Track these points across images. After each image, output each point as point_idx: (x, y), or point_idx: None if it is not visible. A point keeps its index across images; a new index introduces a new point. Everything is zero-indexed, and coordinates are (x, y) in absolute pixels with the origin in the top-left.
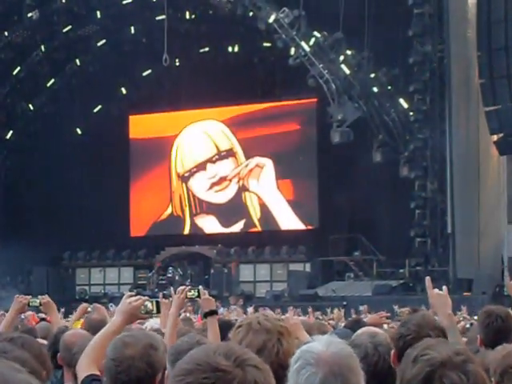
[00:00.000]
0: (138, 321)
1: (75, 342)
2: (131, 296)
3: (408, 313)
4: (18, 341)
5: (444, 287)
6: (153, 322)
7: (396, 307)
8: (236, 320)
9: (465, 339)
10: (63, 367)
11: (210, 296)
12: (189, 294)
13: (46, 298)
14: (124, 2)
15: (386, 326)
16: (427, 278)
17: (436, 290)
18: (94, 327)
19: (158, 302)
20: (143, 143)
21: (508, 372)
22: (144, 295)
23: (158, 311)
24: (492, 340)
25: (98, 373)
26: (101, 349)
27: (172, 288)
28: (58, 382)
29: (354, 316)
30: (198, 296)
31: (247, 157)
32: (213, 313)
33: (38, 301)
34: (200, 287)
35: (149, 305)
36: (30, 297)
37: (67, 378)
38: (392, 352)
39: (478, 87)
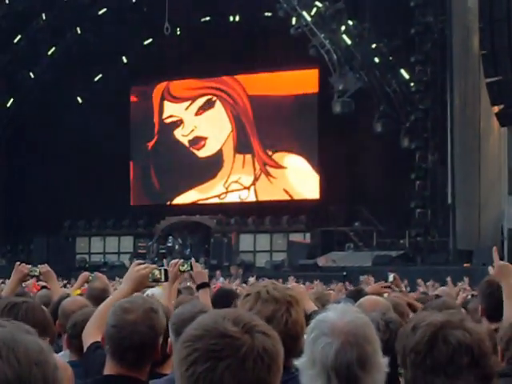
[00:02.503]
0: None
1: (74, 309)
2: (139, 264)
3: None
4: (23, 306)
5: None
6: (155, 290)
7: (391, 275)
8: (237, 289)
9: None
10: (61, 334)
11: (202, 268)
12: (181, 267)
13: (45, 267)
14: None
15: (385, 295)
16: (494, 248)
17: (502, 262)
18: (95, 296)
19: (165, 271)
20: (144, 112)
21: None
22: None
23: (166, 279)
24: (494, 310)
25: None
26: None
27: (165, 261)
28: (59, 349)
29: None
30: (191, 269)
31: (247, 128)
32: (205, 285)
33: (38, 270)
34: (192, 260)
35: (156, 273)
36: (30, 266)
37: (65, 346)
38: None
39: (479, 58)
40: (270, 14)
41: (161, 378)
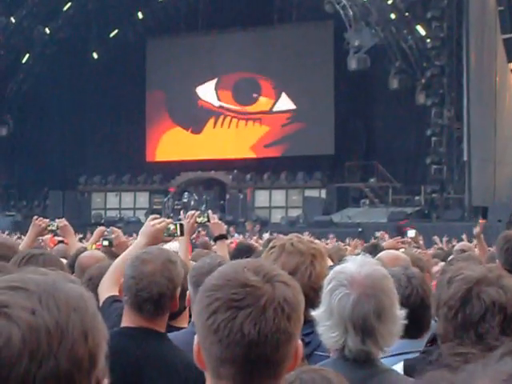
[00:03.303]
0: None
1: (91, 263)
2: (155, 219)
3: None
4: (40, 258)
5: None
6: (172, 246)
7: (411, 231)
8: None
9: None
10: None
11: (220, 221)
12: (198, 219)
13: (63, 222)
14: None
15: (401, 250)
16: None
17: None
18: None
19: (181, 225)
20: (160, 69)
21: None
22: None
23: (182, 234)
24: (511, 265)
25: (119, 294)
26: (123, 271)
27: (182, 213)
28: None
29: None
30: (208, 221)
31: (264, 81)
32: (222, 237)
33: (56, 224)
34: (209, 211)
35: (172, 227)
36: (48, 220)
37: None
38: None
39: (495, 14)
40: None
41: (179, 331)
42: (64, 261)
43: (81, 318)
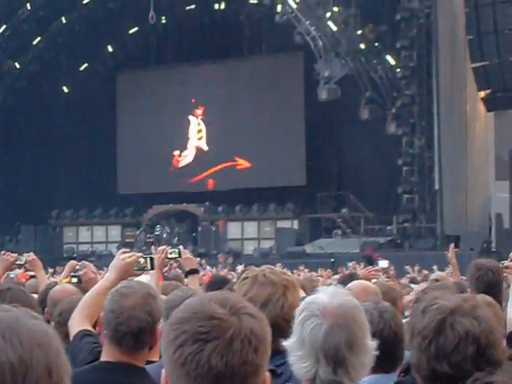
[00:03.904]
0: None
1: (62, 297)
2: (125, 252)
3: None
4: (7, 293)
5: None
6: (142, 279)
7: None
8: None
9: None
10: (50, 322)
11: (191, 255)
12: (169, 254)
13: (31, 256)
14: None
15: (374, 280)
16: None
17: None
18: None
19: (151, 259)
20: (131, 101)
21: None
22: None
23: (152, 267)
24: (483, 293)
25: (90, 328)
26: (94, 305)
27: (153, 247)
28: None
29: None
30: (179, 256)
31: (233, 114)
32: (194, 271)
33: (24, 258)
34: (180, 247)
35: (142, 261)
36: (16, 255)
37: None
38: None
39: (465, 43)
40: (255, 2)
41: (151, 365)
42: (35, 296)
43: (45, 353)
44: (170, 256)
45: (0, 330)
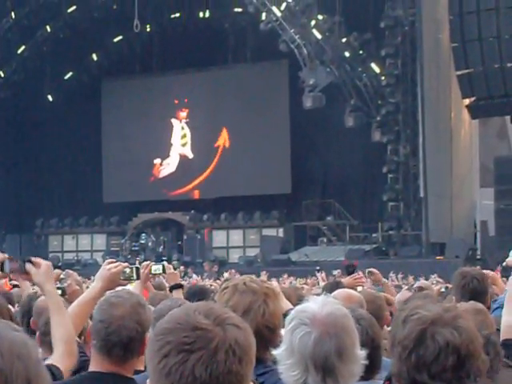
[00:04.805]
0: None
1: (47, 307)
2: (111, 262)
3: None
4: None
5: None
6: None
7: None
8: (211, 286)
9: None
10: (36, 332)
11: (177, 266)
12: (153, 269)
13: None
14: None
15: (359, 288)
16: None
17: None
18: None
19: (137, 268)
20: (116, 110)
21: None
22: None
23: (138, 277)
24: (467, 301)
25: (76, 338)
26: (80, 315)
27: (138, 259)
28: None
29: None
30: (164, 272)
31: (218, 122)
32: (178, 286)
33: (8, 268)
34: (164, 262)
35: (128, 271)
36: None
37: (39, 343)
38: None
39: (449, 51)
40: (239, 10)
41: (139, 375)
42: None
43: (24, 365)
44: (154, 272)
45: None
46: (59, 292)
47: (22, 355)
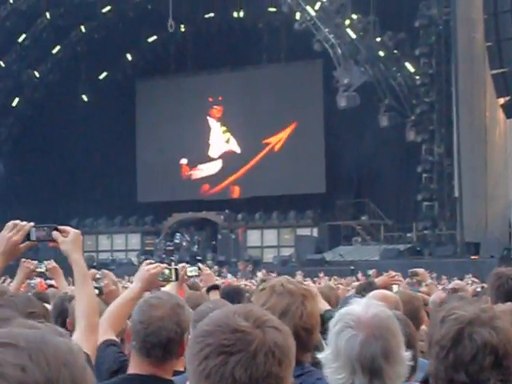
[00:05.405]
0: None
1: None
2: (150, 263)
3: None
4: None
5: None
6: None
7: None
8: (245, 286)
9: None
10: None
11: (211, 267)
12: (189, 271)
13: (51, 263)
14: None
15: (395, 287)
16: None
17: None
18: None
19: (176, 270)
20: (150, 110)
21: None
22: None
23: (177, 278)
24: (503, 302)
25: (114, 338)
26: (118, 315)
27: (174, 257)
28: None
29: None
30: (198, 274)
31: (252, 121)
32: (214, 287)
33: (45, 266)
34: (199, 264)
35: (167, 272)
36: (37, 262)
37: None
38: None
39: (484, 50)
40: (274, 10)
41: (178, 376)
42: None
43: (70, 372)
44: (189, 274)
45: (27, 350)
46: (96, 292)
47: (68, 362)
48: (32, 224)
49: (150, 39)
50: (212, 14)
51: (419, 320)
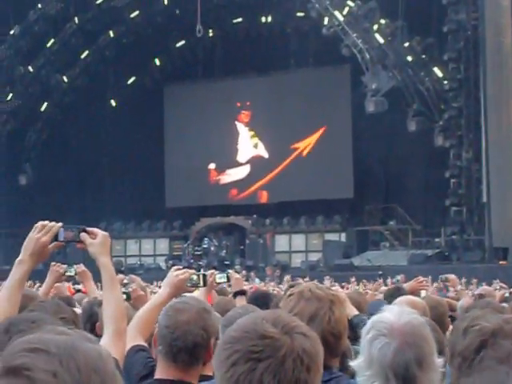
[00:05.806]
0: None
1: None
2: (178, 269)
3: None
4: (51, 307)
5: None
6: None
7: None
8: (273, 291)
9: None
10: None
11: (239, 272)
12: (218, 277)
13: (81, 267)
14: None
15: (423, 293)
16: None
17: None
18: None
19: (204, 275)
20: (178, 115)
21: None
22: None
23: (205, 284)
24: None
25: (143, 343)
26: (147, 321)
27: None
28: None
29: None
30: (228, 281)
31: (280, 126)
32: (241, 293)
33: (74, 270)
34: (229, 271)
35: (195, 278)
36: (66, 266)
37: None
38: None
39: None
40: (302, 15)
41: (205, 382)
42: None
43: (100, 378)
44: (218, 281)
45: (58, 356)
46: (124, 297)
47: (98, 368)
48: (60, 224)
49: (178, 44)
50: (240, 19)
51: (444, 326)
